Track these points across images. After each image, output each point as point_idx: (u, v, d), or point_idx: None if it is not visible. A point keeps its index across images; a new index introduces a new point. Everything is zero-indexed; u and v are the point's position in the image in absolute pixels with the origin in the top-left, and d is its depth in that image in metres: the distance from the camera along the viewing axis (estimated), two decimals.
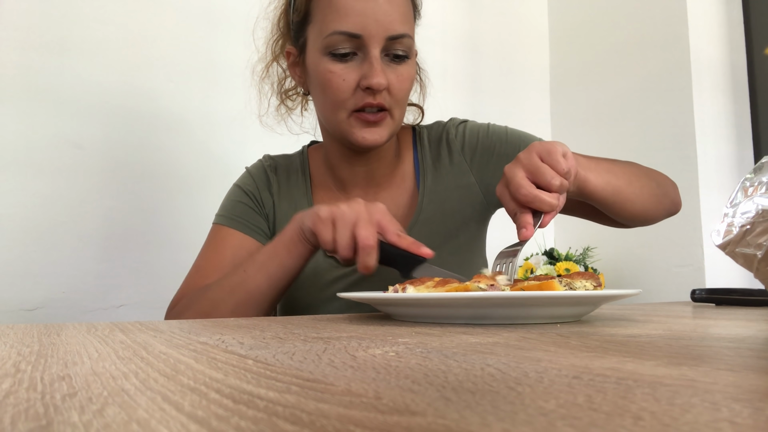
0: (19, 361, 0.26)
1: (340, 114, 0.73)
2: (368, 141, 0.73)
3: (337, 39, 0.70)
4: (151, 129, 1.31)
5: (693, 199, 1.52)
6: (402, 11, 0.72)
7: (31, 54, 1.18)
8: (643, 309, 0.62)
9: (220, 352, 0.28)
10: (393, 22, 0.70)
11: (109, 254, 1.23)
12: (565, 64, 1.98)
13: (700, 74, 1.56)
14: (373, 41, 0.70)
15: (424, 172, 0.84)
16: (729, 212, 0.35)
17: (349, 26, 0.69)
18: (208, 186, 1.36)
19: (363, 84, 0.70)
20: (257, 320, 0.53)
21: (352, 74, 0.71)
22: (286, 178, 0.85)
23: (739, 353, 0.26)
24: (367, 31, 0.69)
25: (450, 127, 0.86)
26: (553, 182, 0.57)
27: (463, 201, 0.83)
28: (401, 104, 0.75)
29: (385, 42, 0.70)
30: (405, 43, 0.72)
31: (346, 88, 0.71)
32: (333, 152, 0.82)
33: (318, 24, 0.72)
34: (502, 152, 0.82)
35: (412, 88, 0.78)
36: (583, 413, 0.15)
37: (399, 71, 0.73)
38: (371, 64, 0.70)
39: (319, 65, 0.72)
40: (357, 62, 0.71)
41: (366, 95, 0.71)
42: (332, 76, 0.71)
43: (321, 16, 0.72)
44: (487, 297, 0.42)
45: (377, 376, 0.21)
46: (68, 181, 1.20)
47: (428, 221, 0.81)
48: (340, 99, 0.72)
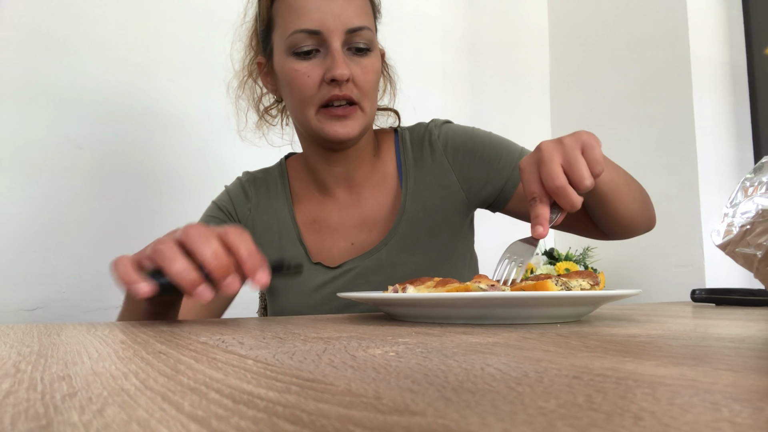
0: (19, 361, 0.26)
1: (309, 111, 0.74)
2: (339, 134, 0.74)
3: (299, 37, 0.72)
4: (151, 129, 1.31)
5: (693, 199, 1.52)
6: (359, 5, 0.74)
7: (31, 54, 1.18)
8: (643, 309, 0.62)
9: (220, 352, 0.28)
10: (350, 15, 0.73)
11: (109, 254, 1.23)
12: (565, 64, 1.98)
13: (700, 74, 1.56)
14: (332, 35, 0.72)
15: (406, 172, 0.84)
16: (729, 212, 0.35)
17: (308, 23, 0.72)
18: (207, 186, 1.36)
19: (327, 77, 0.72)
20: (257, 320, 0.53)
21: (316, 70, 0.73)
22: (266, 191, 0.86)
23: (739, 353, 0.26)
24: (325, 27, 0.72)
25: (432, 128, 0.86)
26: (585, 182, 0.55)
27: (445, 200, 0.83)
28: (369, 96, 0.76)
29: (345, 35, 0.72)
30: (365, 35, 0.74)
31: (311, 84, 0.73)
32: (311, 155, 0.83)
33: (280, 27, 0.75)
34: (484, 155, 0.83)
35: (378, 81, 0.79)
36: (583, 413, 0.15)
37: (362, 63, 0.74)
38: (333, 57, 0.72)
39: (285, 66, 0.74)
40: (320, 58, 0.73)
41: (332, 88, 0.72)
42: (297, 74, 0.73)
43: (282, 20, 0.75)
44: (487, 297, 0.42)
45: (377, 376, 0.21)
46: (68, 181, 1.20)
47: (411, 220, 0.81)
48: (306, 95, 0.73)
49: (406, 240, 0.80)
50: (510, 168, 0.82)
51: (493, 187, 0.83)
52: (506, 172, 0.82)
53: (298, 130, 0.83)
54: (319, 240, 0.82)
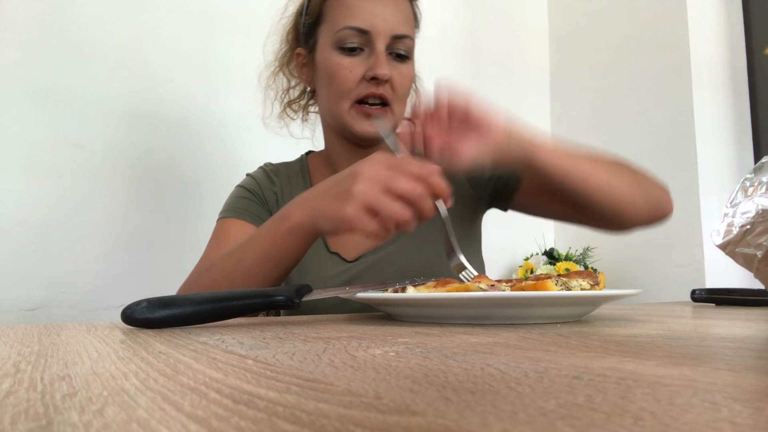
0: (19, 361, 0.26)
1: (344, 104, 0.78)
2: (369, 131, 0.77)
3: (347, 34, 0.76)
4: (151, 129, 1.31)
5: (693, 199, 1.52)
6: (406, 15, 0.80)
7: (31, 54, 1.18)
8: (643, 309, 0.62)
9: (220, 352, 0.28)
10: (398, 23, 0.78)
11: (109, 254, 1.23)
12: (565, 64, 1.98)
13: (700, 74, 1.56)
14: (379, 37, 0.76)
15: None
16: (729, 212, 0.35)
17: (359, 22, 0.76)
18: (207, 186, 1.36)
19: (368, 74, 0.76)
20: (257, 320, 0.53)
21: (359, 67, 0.77)
22: (288, 182, 0.88)
23: (739, 353, 0.26)
24: (374, 28, 0.76)
25: None
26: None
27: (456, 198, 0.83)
28: (401, 100, 0.80)
29: (390, 40, 0.77)
30: (407, 43, 0.79)
31: (351, 78, 0.76)
32: (334, 149, 0.85)
33: (329, 23, 0.79)
34: None
35: (411, 88, 0.83)
36: (583, 413, 0.15)
37: (401, 69, 0.79)
38: (377, 57, 0.76)
39: (329, 59, 0.78)
40: (363, 57, 0.77)
41: (370, 86, 0.76)
42: (340, 68, 0.77)
43: (332, 15, 0.79)
44: (487, 297, 0.42)
45: (377, 376, 0.21)
46: (68, 181, 1.20)
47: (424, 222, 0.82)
48: (345, 89, 0.77)
49: (418, 236, 0.81)
50: None
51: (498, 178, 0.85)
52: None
53: (325, 124, 0.86)
54: None
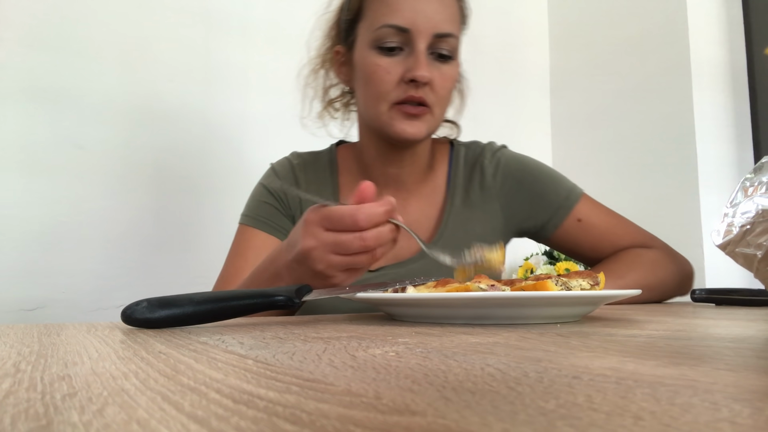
0: (19, 361, 0.26)
1: (382, 106, 0.74)
2: (407, 133, 0.74)
3: (386, 32, 0.72)
4: (151, 129, 1.31)
5: (693, 199, 1.52)
6: (451, 12, 0.75)
7: (31, 54, 1.18)
8: (643, 309, 0.62)
9: (220, 352, 0.28)
10: (441, 21, 0.73)
11: (109, 254, 1.23)
12: (565, 64, 1.98)
13: (700, 74, 1.56)
14: (420, 36, 0.72)
15: (453, 189, 0.85)
16: (729, 212, 0.35)
17: (398, 20, 0.72)
18: (208, 186, 1.36)
19: (407, 76, 0.72)
20: (257, 320, 0.53)
21: (397, 68, 0.73)
22: (314, 176, 0.85)
23: (739, 353, 0.26)
24: (415, 26, 0.72)
25: (487, 151, 0.87)
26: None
27: (486, 226, 0.83)
28: (442, 103, 0.76)
29: (432, 39, 0.72)
30: (451, 43, 0.74)
31: (390, 80, 0.73)
32: (368, 151, 0.83)
33: (369, 20, 0.75)
34: (531, 189, 0.84)
35: (453, 90, 0.79)
36: (583, 413, 0.15)
37: (443, 70, 0.74)
38: (417, 58, 0.72)
39: (367, 59, 0.74)
40: (403, 57, 0.73)
41: (409, 88, 0.72)
42: (377, 69, 0.73)
43: (372, 12, 0.75)
44: (487, 297, 0.42)
45: (377, 376, 0.21)
46: (68, 181, 1.20)
47: (450, 238, 0.81)
48: (383, 90, 0.73)
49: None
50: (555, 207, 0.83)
51: (534, 223, 0.84)
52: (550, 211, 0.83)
53: (361, 124, 0.83)
54: None
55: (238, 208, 0.86)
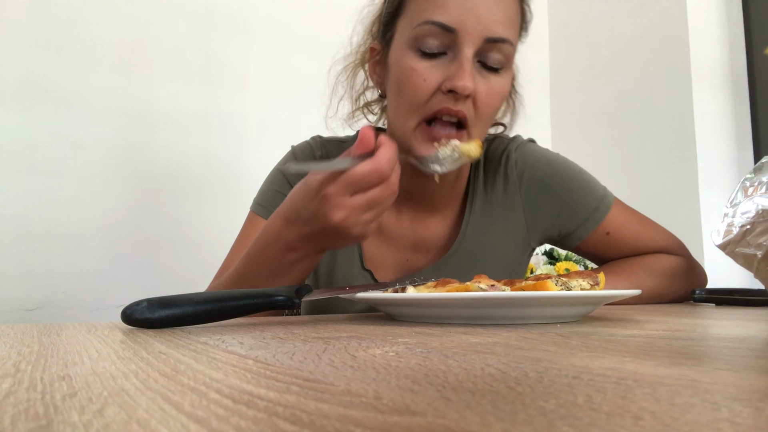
0: (19, 361, 0.26)
1: (411, 121, 0.63)
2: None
3: (429, 30, 0.61)
4: (150, 129, 1.31)
5: (693, 199, 1.52)
6: (509, 14, 0.63)
7: (31, 54, 1.18)
8: (643, 309, 0.62)
9: (220, 352, 0.28)
10: (496, 22, 0.61)
11: (109, 254, 1.23)
12: (565, 64, 1.98)
13: (700, 74, 1.56)
14: (467, 39, 0.60)
15: (473, 195, 0.76)
16: (729, 212, 0.35)
17: (444, 17, 0.60)
18: (207, 186, 1.36)
19: (446, 86, 0.60)
20: (257, 320, 0.53)
21: (436, 75, 0.61)
22: None
23: (739, 353, 0.26)
24: (463, 27, 0.60)
25: (511, 150, 0.77)
26: None
27: (507, 236, 0.76)
28: (484, 122, 0.64)
29: (482, 44, 0.61)
30: (504, 50, 0.63)
31: (425, 89, 0.62)
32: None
33: (410, 14, 0.64)
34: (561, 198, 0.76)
35: (500, 107, 0.67)
36: (583, 413, 0.15)
37: (491, 82, 0.63)
38: (460, 64, 0.60)
39: (402, 60, 0.63)
40: (444, 62, 0.62)
41: (446, 99, 0.61)
42: (413, 74, 0.62)
43: (415, 5, 0.64)
44: (487, 297, 0.42)
45: (377, 376, 0.21)
46: (68, 181, 1.20)
47: (468, 251, 0.74)
48: (416, 101, 0.62)
49: (459, 271, 0.72)
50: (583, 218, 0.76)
51: (558, 231, 0.78)
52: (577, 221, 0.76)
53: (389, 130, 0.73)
54: (377, 244, 0.76)
55: (238, 207, 0.86)
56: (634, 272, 0.74)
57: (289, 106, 1.47)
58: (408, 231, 0.76)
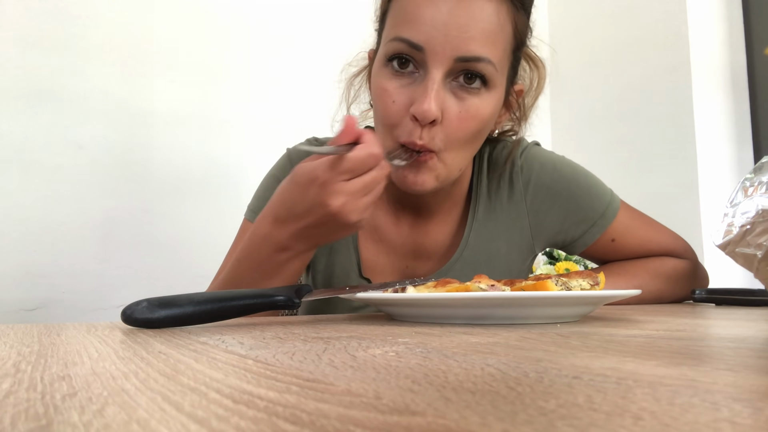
0: (19, 361, 0.26)
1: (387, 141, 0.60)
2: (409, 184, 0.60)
3: (398, 47, 0.58)
4: (151, 129, 1.31)
5: (693, 199, 1.52)
6: (485, 29, 0.57)
7: (31, 54, 1.18)
8: (643, 309, 0.62)
9: (220, 352, 0.28)
10: (468, 40, 0.56)
11: (109, 254, 1.23)
12: (565, 64, 1.98)
13: (700, 74, 1.56)
14: (435, 59, 0.56)
15: (476, 200, 0.74)
16: (729, 212, 0.35)
17: (412, 34, 0.57)
18: (207, 186, 1.36)
19: (411, 110, 0.57)
20: (257, 320, 0.53)
21: (404, 96, 0.58)
22: None
23: (739, 353, 0.26)
24: (431, 45, 0.56)
25: (516, 156, 0.75)
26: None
27: (511, 244, 0.75)
28: (458, 146, 0.60)
29: (453, 63, 0.57)
30: (482, 69, 0.58)
31: (394, 111, 0.59)
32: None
33: (388, 27, 0.61)
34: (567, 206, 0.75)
35: (480, 128, 0.61)
36: (583, 413, 0.15)
37: (466, 104, 0.58)
38: (425, 87, 0.56)
39: (376, 77, 0.61)
40: (416, 82, 0.58)
41: (415, 127, 0.57)
42: (383, 94, 0.59)
43: (392, 19, 0.60)
44: (487, 297, 0.42)
45: (377, 376, 0.21)
46: (68, 181, 1.20)
47: (470, 260, 0.73)
48: (387, 123, 0.60)
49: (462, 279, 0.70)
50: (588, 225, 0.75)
51: (563, 238, 0.77)
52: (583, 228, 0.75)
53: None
54: (375, 251, 0.75)
55: (238, 207, 0.86)
56: (637, 274, 0.75)
57: (289, 107, 1.47)
58: (407, 238, 0.75)
